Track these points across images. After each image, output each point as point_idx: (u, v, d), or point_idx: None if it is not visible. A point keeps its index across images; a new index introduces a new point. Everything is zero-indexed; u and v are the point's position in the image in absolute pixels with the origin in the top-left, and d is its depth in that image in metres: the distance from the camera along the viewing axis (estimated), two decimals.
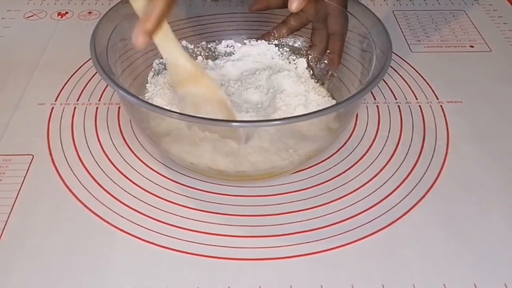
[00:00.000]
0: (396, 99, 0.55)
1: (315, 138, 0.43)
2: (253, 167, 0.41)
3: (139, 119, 0.44)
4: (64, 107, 0.53)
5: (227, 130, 0.40)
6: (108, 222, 0.42)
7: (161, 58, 0.51)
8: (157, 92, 0.48)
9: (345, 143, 0.49)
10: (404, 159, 0.48)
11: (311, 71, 0.53)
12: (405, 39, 0.64)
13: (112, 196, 0.44)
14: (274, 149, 0.41)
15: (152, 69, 0.51)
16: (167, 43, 0.38)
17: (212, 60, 0.54)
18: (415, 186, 0.45)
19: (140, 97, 0.42)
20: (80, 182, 0.45)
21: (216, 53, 0.56)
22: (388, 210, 0.43)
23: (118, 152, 0.48)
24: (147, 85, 0.50)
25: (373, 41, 0.45)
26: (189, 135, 0.41)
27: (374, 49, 0.44)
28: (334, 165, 0.47)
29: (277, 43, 0.54)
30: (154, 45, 0.40)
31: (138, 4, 0.36)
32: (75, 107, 0.53)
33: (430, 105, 0.54)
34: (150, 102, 0.46)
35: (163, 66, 0.52)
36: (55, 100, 0.54)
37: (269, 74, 0.50)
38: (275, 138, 0.41)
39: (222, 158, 0.41)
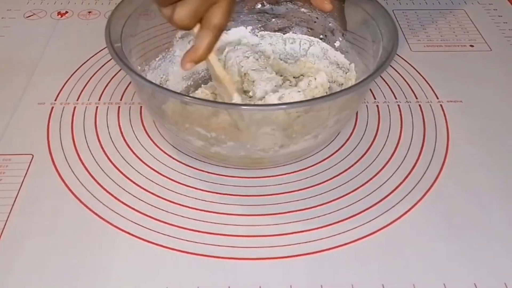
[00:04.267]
0: (396, 98, 0.55)
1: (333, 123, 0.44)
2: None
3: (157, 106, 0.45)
4: (64, 107, 0.53)
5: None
6: (108, 222, 0.42)
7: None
8: None
9: (345, 143, 0.49)
10: (404, 159, 0.48)
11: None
12: (405, 39, 0.64)
13: (112, 195, 0.44)
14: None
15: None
16: (210, 63, 0.44)
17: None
18: (415, 186, 0.45)
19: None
20: (80, 182, 0.45)
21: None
22: (388, 210, 0.43)
23: (118, 151, 0.48)
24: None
25: (380, 31, 0.45)
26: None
27: (381, 40, 0.45)
28: (334, 165, 0.47)
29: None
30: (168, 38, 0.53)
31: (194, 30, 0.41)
32: (75, 107, 0.53)
33: (430, 105, 0.54)
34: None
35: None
36: (55, 100, 0.54)
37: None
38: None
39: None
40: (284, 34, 0.56)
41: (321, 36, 0.55)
